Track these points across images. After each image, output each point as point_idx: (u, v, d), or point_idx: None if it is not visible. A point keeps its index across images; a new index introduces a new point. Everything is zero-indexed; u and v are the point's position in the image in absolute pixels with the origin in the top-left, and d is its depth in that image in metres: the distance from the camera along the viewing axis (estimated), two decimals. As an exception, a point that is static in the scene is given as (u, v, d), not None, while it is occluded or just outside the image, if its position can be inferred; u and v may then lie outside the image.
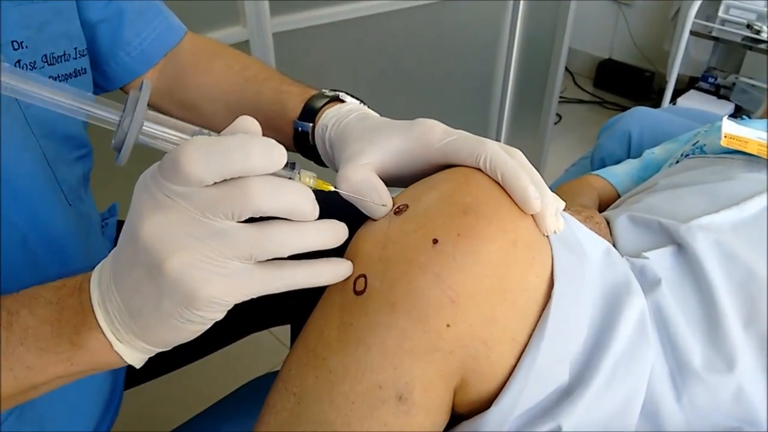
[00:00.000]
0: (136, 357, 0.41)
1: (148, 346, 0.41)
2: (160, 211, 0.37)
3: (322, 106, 0.59)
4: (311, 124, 0.59)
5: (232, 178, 0.37)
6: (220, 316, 0.39)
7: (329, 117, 0.57)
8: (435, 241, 0.41)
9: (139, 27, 0.70)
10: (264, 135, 0.65)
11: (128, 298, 0.39)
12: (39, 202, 0.56)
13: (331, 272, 0.42)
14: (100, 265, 0.42)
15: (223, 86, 0.71)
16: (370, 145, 0.48)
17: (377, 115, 0.55)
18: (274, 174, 0.39)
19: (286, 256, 0.39)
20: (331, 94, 0.61)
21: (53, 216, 0.58)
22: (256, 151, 0.37)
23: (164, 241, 0.36)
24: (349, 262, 0.43)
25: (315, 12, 1.48)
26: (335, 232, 0.41)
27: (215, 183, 0.37)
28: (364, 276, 0.43)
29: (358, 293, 0.43)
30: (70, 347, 0.40)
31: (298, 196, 0.39)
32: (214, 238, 0.36)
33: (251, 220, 0.38)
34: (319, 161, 0.61)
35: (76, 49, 0.61)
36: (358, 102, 0.60)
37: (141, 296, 0.38)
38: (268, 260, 0.39)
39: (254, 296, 0.38)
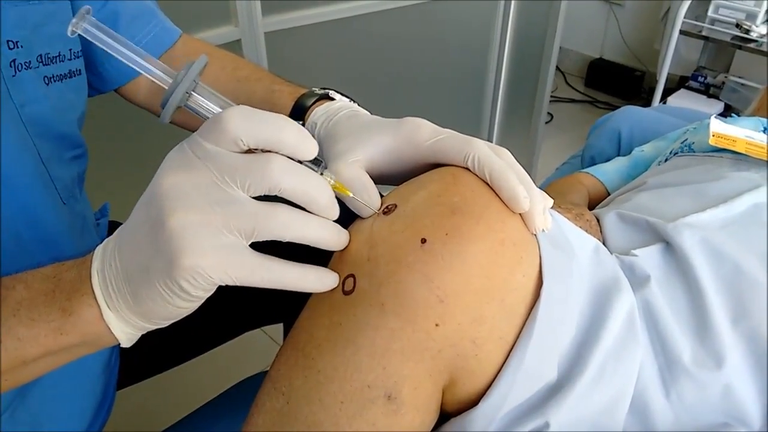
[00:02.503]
0: (125, 332, 0.41)
1: (136, 318, 0.40)
2: (183, 170, 0.38)
3: (312, 104, 0.59)
4: (301, 122, 0.59)
5: (261, 151, 0.38)
6: (202, 293, 0.38)
7: (319, 115, 0.57)
8: (423, 241, 0.42)
9: (134, 30, 0.70)
10: None
11: (128, 259, 0.39)
12: (33, 200, 0.56)
13: (318, 279, 0.42)
14: (108, 238, 0.42)
15: (216, 87, 0.71)
16: (360, 142, 0.49)
17: (367, 112, 0.55)
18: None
19: (286, 239, 0.39)
20: (321, 92, 0.61)
21: (47, 214, 0.58)
22: (292, 129, 0.39)
23: (176, 198, 0.37)
24: (336, 274, 0.43)
25: (306, 11, 1.48)
26: (338, 233, 0.42)
27: (245, 152, 0.38)
28: (353, 276, 0.43)
29: (346, 293, 0.43)
30: (60, 315, 0.40)
31: (316, 185, 0.40)
32: (222, 204, 0.37)
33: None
34: None
35: (71, 50, 0.62)
36: (348, 100, 0.60)
37: (138, 256, 0.38)
38: (263, 256, 0.39)
39: (238, 282, 0.38)
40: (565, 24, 1.97)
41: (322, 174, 0.42)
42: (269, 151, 0.39)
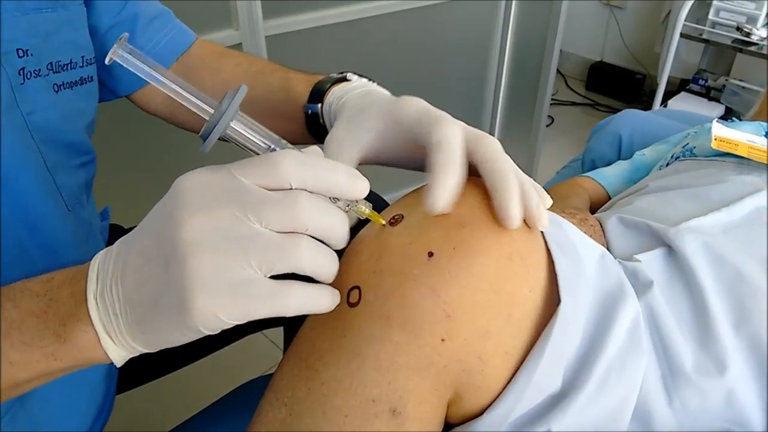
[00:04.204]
0: (120, 355, 0.39)
1: (135, 344, 0.38)
2: (206, 207, 0.35)
3: (329, 87, 0.59)
4: (320, 105, 0.59)
5: (285, 189, 0.37)
6: (212, 332, 0.37)
7: (335, 95, 0.56)
8: (430, 254, 0.41)
9: (152, 31, 0.71)
10: (276, 124, 0.66)
11: (133, 288, 0.37)
12: (36, 207, 0.56)
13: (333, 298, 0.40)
14: (101, 255, 0.40)
15: (232, 84, 0.71)
16: (353, 129, 0.48)
17: (383, 91, 0.54)
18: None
19: (306, 273, 0.37)
20: (338, 76, 0.60)
21: (51, 221, 0.58)
22: (343, 172, 0.38)
23: (195, 237, 0.35)
24: (337, 293, 0.41)
25: (307, 15, 1.48)
26: (337, 264, 0.40)
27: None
28: (358, 288, 0.43)
29: (351, 305, 0.42)
30: (54, 340, 0.38)
31: (340, 221, 0.38)
32: (242, 239, 0.35)
33: None
34: None
35: (83, 57, 0.62)
36: (367, 80, 0.59)
37: (147, 289, 0.36)
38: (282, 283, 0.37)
39: (249, 319, 0.36)
40: (566, 27, 1.97)
41: (356, 203, 0.41)
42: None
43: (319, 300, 0.39)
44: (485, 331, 0.42)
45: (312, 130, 0.62)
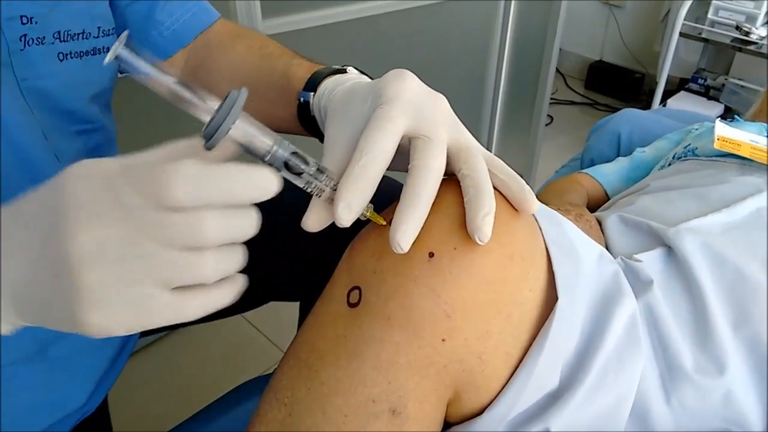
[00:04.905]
0: (7, 328, 0.37)
1: (24, 323, 0.37)
2: (101, 226, 0.33)
3: (326, 77, 0.57)
4: (313, 93, 0.57)
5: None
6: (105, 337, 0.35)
7: (327, 87, 0.54)
8: (431, 255, 0.41)
9: (173, 7, 0.70)
10: (275, 110, 0.63)
11: (22, 287, 0.35)
12: (37, 164, 0.55)
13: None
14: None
15: (241, 66, 0.71)
16: (337, 126, 0.45)
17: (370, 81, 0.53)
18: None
19: (209, 283, 0.35)
20: (340, 67, 0.59)
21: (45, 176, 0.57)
22: (239, 183, 0.34)
23: (90, 257, 0.33)
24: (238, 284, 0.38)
25: (306, 14, 1.48)
26: (241, 263, 0.38)
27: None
28: (359, 288, 0.43)
29: (352, 305, 0.42)
30: None
31: (250, 224, 0.36)
32: (141, 258, 0.33)
33: None
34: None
35: (99, 28, 0.60)
36: (367, 78, 0.57)
37: (37, 290, 0.35)
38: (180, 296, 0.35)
39: (146, 329, 0.35)
40: (565, 26, 1.97)
41: (334, 190, 0.39)
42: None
43: (220, 301, 0.36)
44: (485, 331, 0.42)
45: (303, 120, 0.60)
